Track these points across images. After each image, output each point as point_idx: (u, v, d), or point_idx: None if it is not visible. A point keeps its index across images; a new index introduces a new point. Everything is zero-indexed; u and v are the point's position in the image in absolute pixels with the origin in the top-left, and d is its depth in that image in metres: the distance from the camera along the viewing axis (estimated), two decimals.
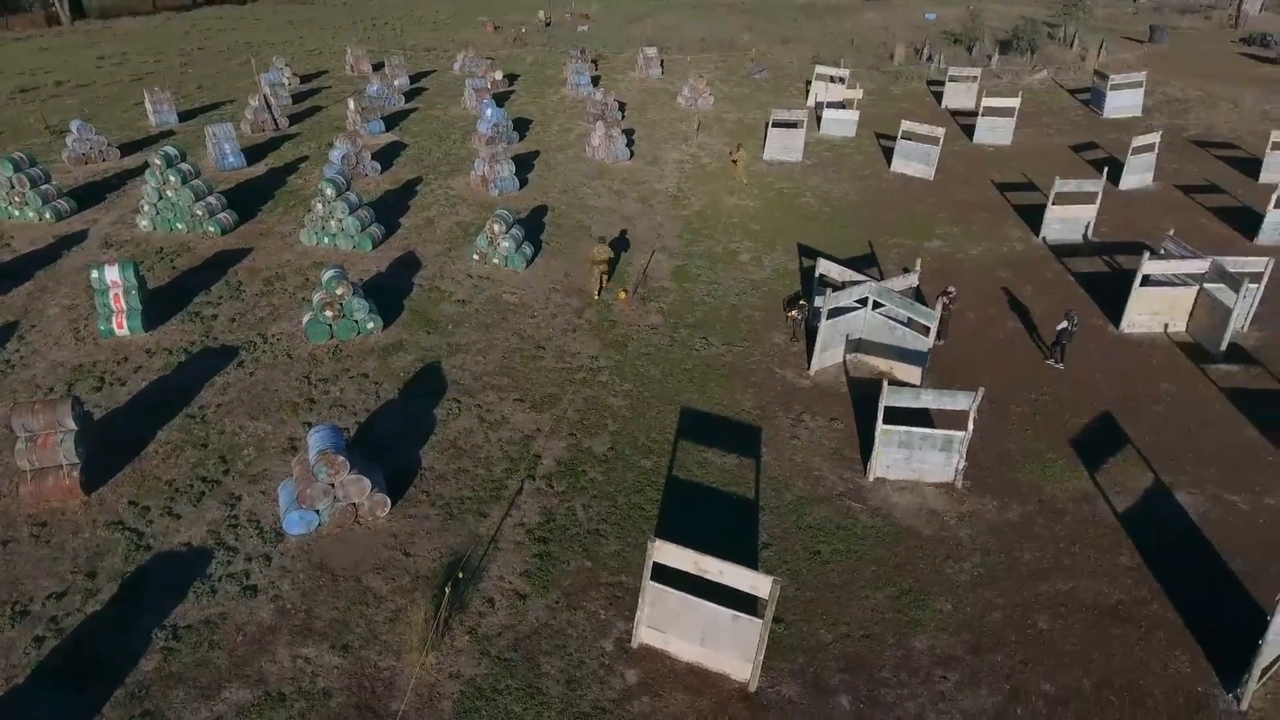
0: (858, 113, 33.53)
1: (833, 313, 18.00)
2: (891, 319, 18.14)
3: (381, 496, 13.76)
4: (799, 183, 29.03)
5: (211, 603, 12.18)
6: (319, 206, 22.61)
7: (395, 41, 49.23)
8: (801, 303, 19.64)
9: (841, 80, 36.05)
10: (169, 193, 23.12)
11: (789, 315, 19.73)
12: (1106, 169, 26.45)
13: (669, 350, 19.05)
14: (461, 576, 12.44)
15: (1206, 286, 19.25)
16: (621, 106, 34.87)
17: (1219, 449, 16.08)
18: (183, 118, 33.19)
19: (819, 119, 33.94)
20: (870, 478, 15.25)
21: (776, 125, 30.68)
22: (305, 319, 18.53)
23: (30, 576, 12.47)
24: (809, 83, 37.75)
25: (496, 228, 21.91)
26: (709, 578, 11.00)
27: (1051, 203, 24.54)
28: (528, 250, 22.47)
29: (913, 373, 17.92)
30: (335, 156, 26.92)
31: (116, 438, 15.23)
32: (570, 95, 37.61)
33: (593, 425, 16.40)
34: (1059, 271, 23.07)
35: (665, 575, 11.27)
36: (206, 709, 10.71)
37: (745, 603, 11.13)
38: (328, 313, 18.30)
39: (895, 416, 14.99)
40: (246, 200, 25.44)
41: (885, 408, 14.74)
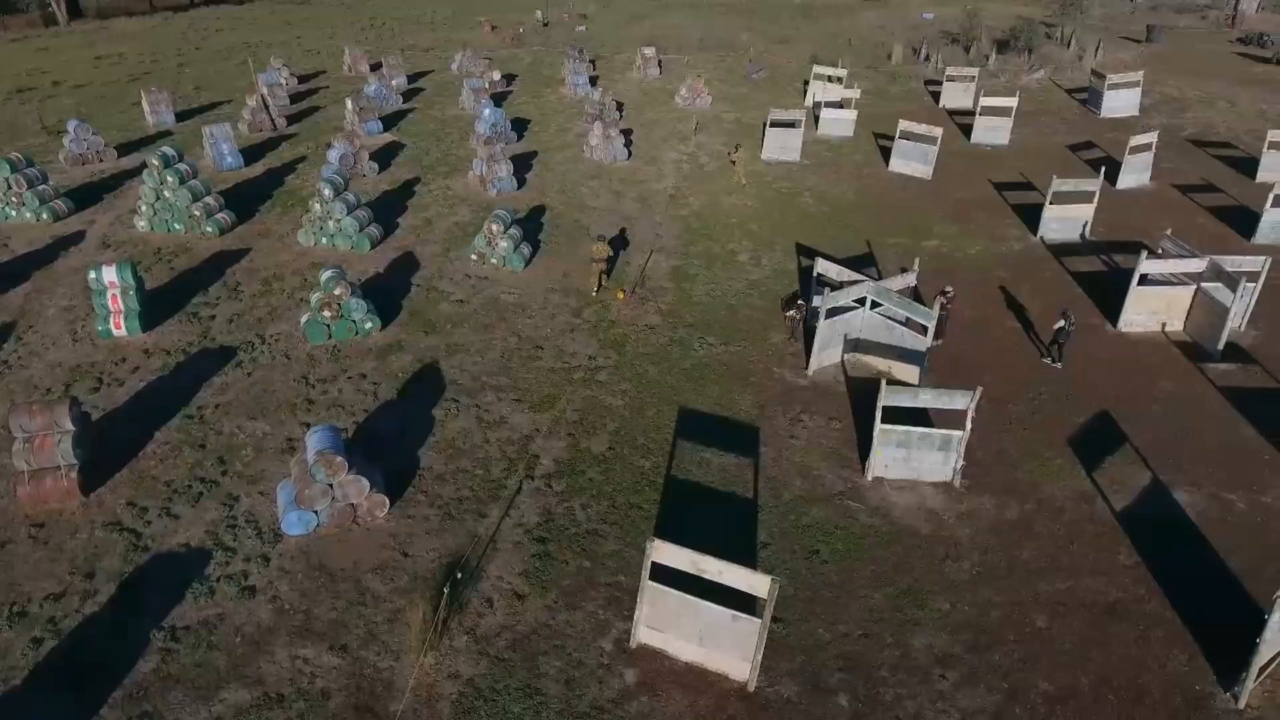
0: (855, 112, 33.54)
1: (831, 312, 18.01)
2: (890, 318, 18.16)
3: (380, 497, 13.76)
4: (797, 182, 29.04)
5: (210, 603, 12.18)
6: (317, 207, 22.61)
7: (393, 41, 49.19)
8: (800, 302, 19.65)
9: (839, 80, 36.04)
10: (167, 193, 23.10)
11: (786, 315, 19.74)
12: (1104, 168, 26.48)
13: (667, 350, 19.05)
14: (460, 577, 12.43)
15: (1204, 286, 19.27)
16: (619, 106, 34.88)
17: (1216, 448, 16.10)
18: (180, 118, 33.17)
19: (817, 119, 33.95)
20: (869, 477, 15.26)
21: (774, 125, 30.68)
22: (303, 319, 18.53)
23: (28, 578, 12.46)
24: (807, 82, 37.75)
25: (495, 228, 21.90)
26: (707, 577, 11.00)
27: (1049, 202, 24.56)
28: (526, 250, 22.46)
29: (911, 372, 17.93)
30: (333, 157, 26.90)
31: (114, 439, 15.23)
32: (568, 95, 37.61)
33: (591, 425, 16.40)
34: (1057, 271, 23.10)
35: (664, 575, 11.27)
36: (205, 710, 10.70)
37: (744, 602, 11.14)
38: (326, 313, 18.30)
39: (894, 416, 15.00)
40: (244, 201, 25.43)
41: (883, 407, 14.76)
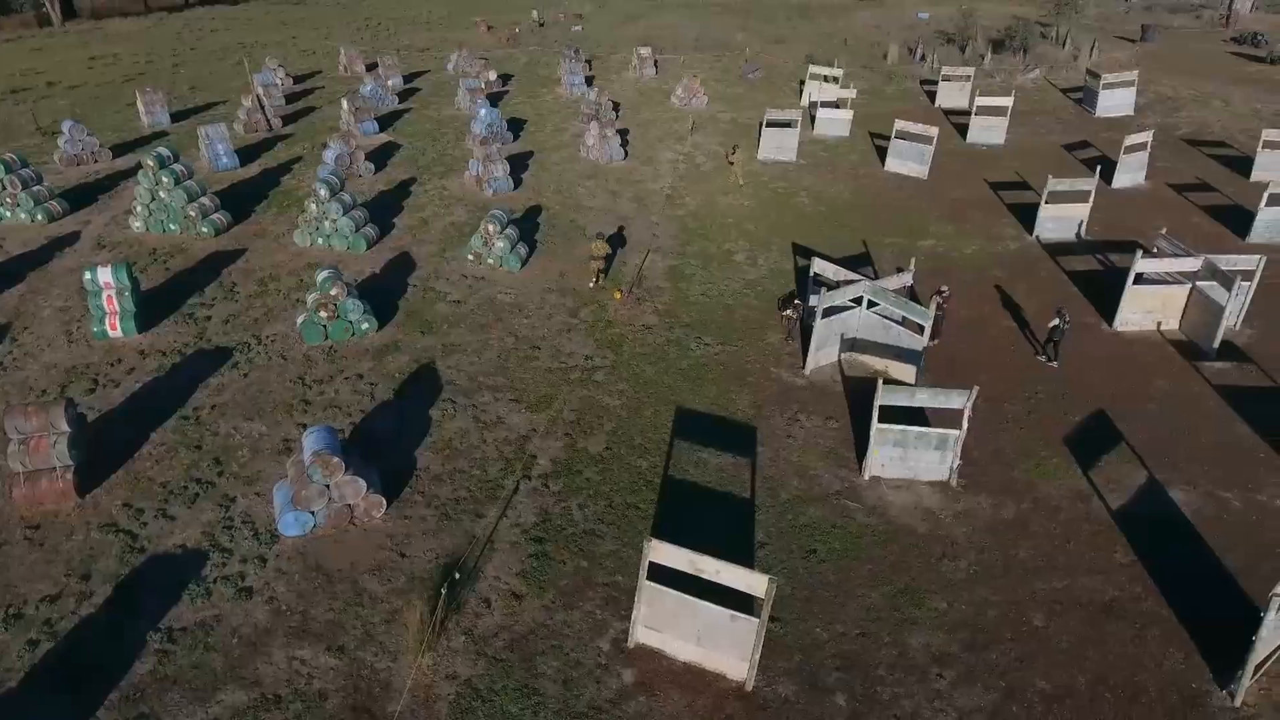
0: (851, 112, 33.58)
1: (827, 312, 18.03)
2: (886, 318, 18.18)
3: (377, 497, 13.74)
4: (793, 182, 29.06)
5: (206, 605, 12.15)
6: (313, 207, 22.58)
7: (388, 41, 49.14)
8: (796, 302, 19.66)
9: (835, 80, 36.10)
10: (162, 194, 23.04)
11: (783, 315, 19.75)
12: (1099, 168, 26.51)
13: (664, 350, 19.05)
14: (457, 577, 12.42)
15: (1199, 285, 19.33)
16: (616, 106, 34.88)
17: (1212, 446, 16.15)
18: (175, 118, 33.09)
19: (813, 119, 33.99)
20: (865, 476, 15.28)
21: (771, 125, 30.71)
22: (299, 320, 18.50)
23: (24, 579, 12.42)
24: (803, 82, 37.80)
25: (491, 228, 21.89)
26: (705, 577, 11.01)
27: (1045, 201, 24.61)
28: (522, 250, 22.45)
29: (908, 371, 17.95)
30: (329, 157, 26.85)
31: (110, 440, 15.18)
32: (564, 95, 37.59)
33: (588, 425, 16.40)
34: (1052, 270, 23.14)
35: (661, 575, 11.27)
36: (202, 712, 10.68)
37: (742, 602, 11.15)
38: (322, 314, 18.27)
39: (890, 415, 15.02)
40: (240, 201, 25.37)
41: (880, 406, 14.78)
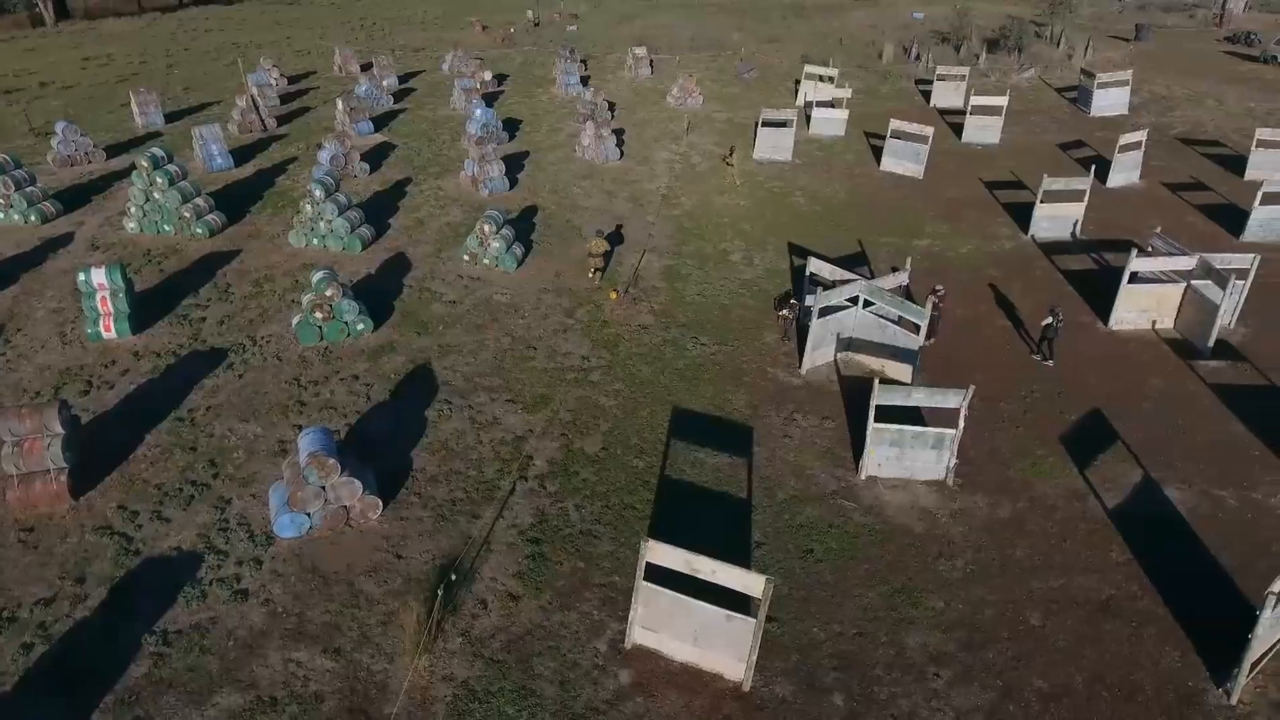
0: (847, 112, 33.60)
1: (824, 311, 18.04)
2: (882, 317, 18.19)
3: (373, 499, 13.70)
4: (789, 182, 29.07)
5: (202, 607, 12.11)
6: (308, 208, 22.52)
7: (383, 41, 49.05)
8: (792, 302, 19.67)
9: (830, 79, 36.11)
10: (156, 194, 22.96)
11: (779, 315, 19.75)
12: (1094, 167, 26.56)
13: (660, 350, 19.04)
14: (454, 578, 12.40)
15: (1194, 283, 19.38)
16: (611, 106, 34.85)
17: (1207, 445, 16.19)
18: (169, 119, 32.98)
19: (808, 118, 34.01)
20: (862, 476, 15.28)
21: (766, 125, 30.71)
22: (295, 321, 18.45)
23: (18, 582, 12.36)
24: (798, 82, 37.82)
25: (487, 228, 21.85)
26: (702, 577, 11.00)
27: (1040, 201, 24.65)
28: (518, 251, 22.42)
29: (904, 371, 17.96)
30: (324, 157, 26.80)
31: (104, 442, 15.12)
32: (560, 95, 37.56)
33: (585, 425, 16.38)
34: (1048, 269, 23.18)
35: (658, 575, 11.26)
36: (198, 714, 10.64)
37: (739, 602, 11.14)
38: (317, 314, 18.22)
39: (887, 415, 15.02)
40: (234, 202, 25.29)
41: (876, 406, 14.78)
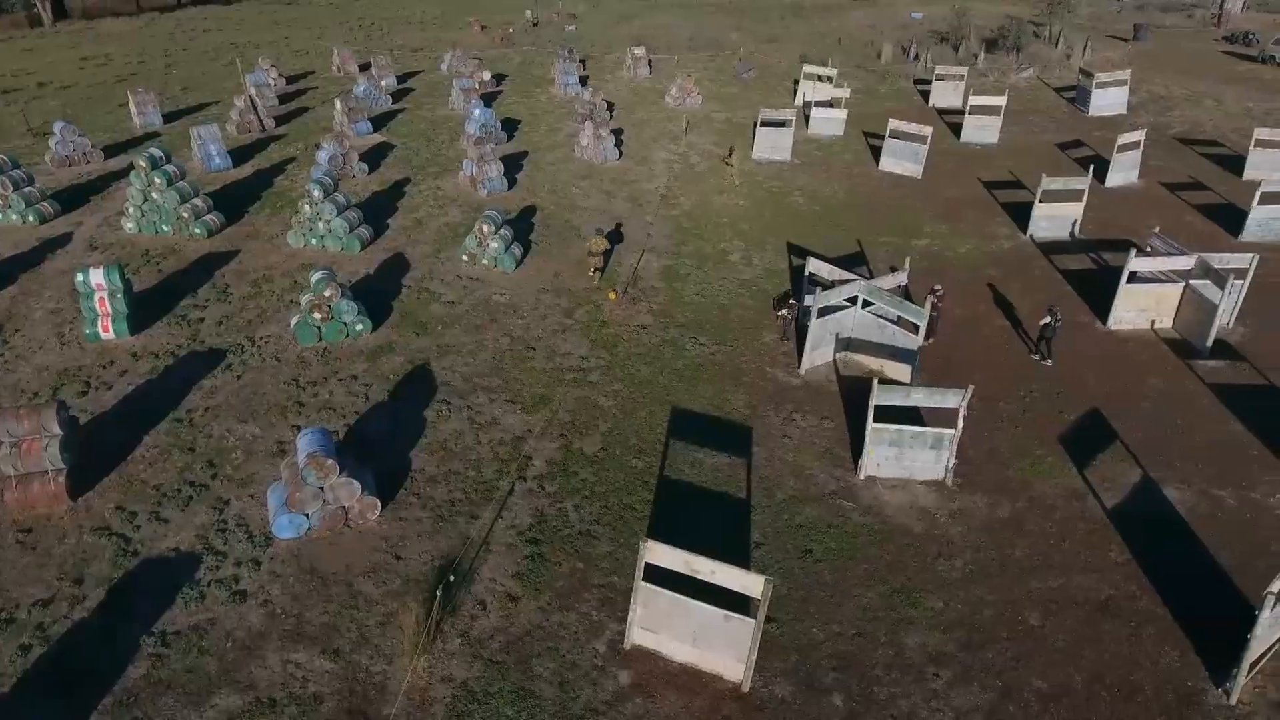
0: (845, 112, 33.60)
1: (822, 311, 18.04)
2: (881, 317, 18.19)
3: (371, 499, 13.68)
4: (788, 182, 29.07)
5: (200, 608, 12.09)
6: (306, 208, 22.49)
7: (382, 41, 49.02)
8: (791, 302, 19.67)
9: (829, 79, 36.12)
10: (154, 195, 22.93)
11: (778, 315, 19.75)
12: (1093, 167, 26.59)
13: (659, 350, 19.03)
14: (453, 579, 12.38)
15: (1192, 283, 19.38)
16: (610, 106, 34.83)
17: (1206, 444, 16.19)
18: (167, 119, 32.94)
19: (807, 118, 34.01)
20: (861, 476, 15.28)
21: (765, 125, 30.71)
22: (293, 321, 18.42)
23: (16, 584, 12.34)
24: (797, 82, 37.82)
25: (485, 228, 21.84)
26: (701, 578, 10.99)
27: (1038, 200, 24.66)
28: (517, 251, 22.40)
29: (903, 371, 17.96)
30: (322, 157, 26.77)
31: (103, 443, 15.10)
32: (558, 95, 37.55)
33: (583, 426, 16.37)
34: (1046, 269, 23.19)
35: (657, 576, 11.25)
36: (196, 716, 10.62)
37: (738, 603, 11.13)
38: (316, 315, 18.20)
39: (885, 415, 15.02)
40: (233, 202, 25.26)
41: (875, 406, 14.78)
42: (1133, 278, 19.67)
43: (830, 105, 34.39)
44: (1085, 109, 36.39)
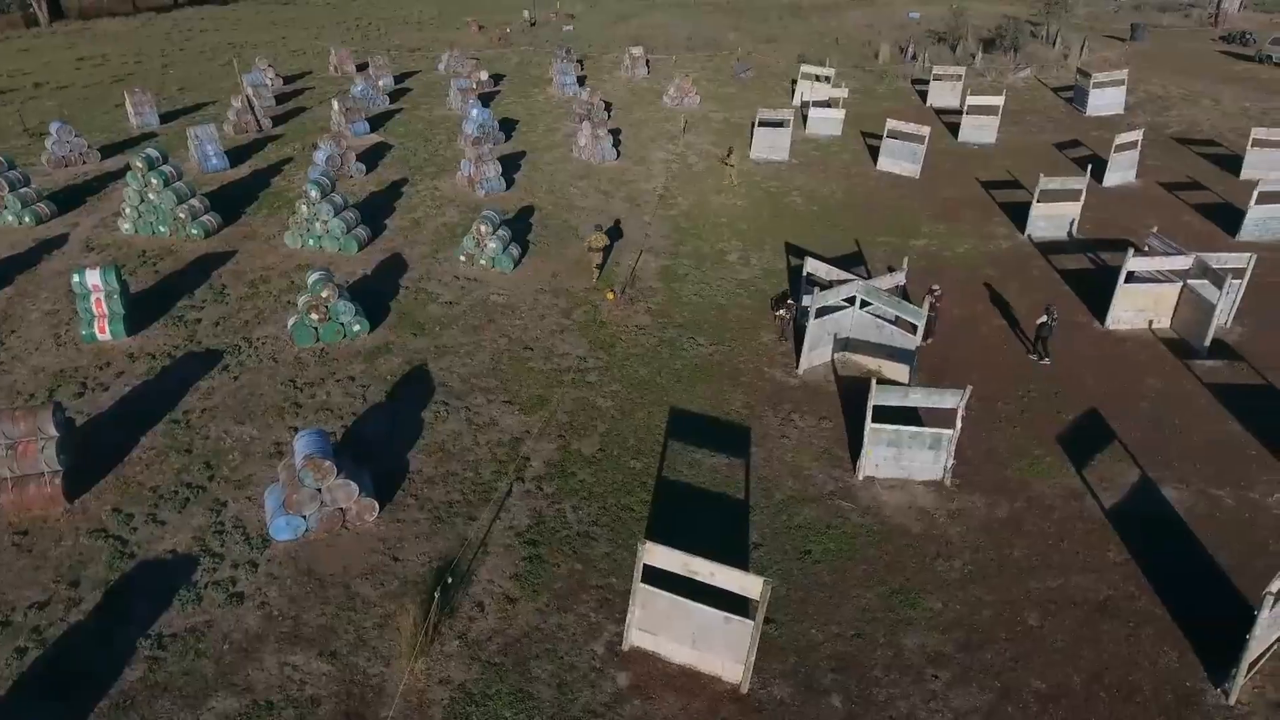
0: (843, 111, 33.60)
1: (821, 312, 18.02)
2: (879, 317, 18.17)
3: (369, 501, 13.65)
4: (786, 182, 29.06)
5: (197, 610, 12.04)
6: (303, 208, 22.44)
7: (379, 41, 48.96)
8: (789, 302, 19.66)
9: (827, 79, 36.12)
10: (151, 195, 22.87)
11: (776, 315, 19.73)
12: (1090, 166, 26.62)
13: (657, 350, 19.00)
14: (451, 581, 12.35)
15: (1190, 283, 19.39)
16: (608, 106, 34.80)
17: (1204, 444, 16.19)
18: (164, 119, 32.87)
19: (805, 118, 34.00)
20: (860, 476, 15.26)
21: (763, 124, 30.70)
22: (290, 322, 18.38)
23: (12, 586, 12.29)
24: (794, 82, 37.81)
25: (483, 229, 21.80)
26: (699, 579, 10.97)
27: (1036, 200, 24.67)
28: (515, 251, 22.36)
29: (901, 371, 17.95)
30: (319, 158, 26.72)
31: (99, 444, 15.04)
32: (556, 95, 37.52)
33: (582, 427, 16.34)
34: (1044, 269, 23.19)
35: (656, 577, 11.23)
36: (193, 719, 10.58)
37: (736, 604, 11.11)
38: (313, 316, 18.15)
39: (884, 415, 15.00)
40: (230, 203, 25.20)
41: (874, 406, 14.76)
42: (1130, 277, 19.67)
43: (828, 105, 34.39)
44: (1083, 109, 36.42)
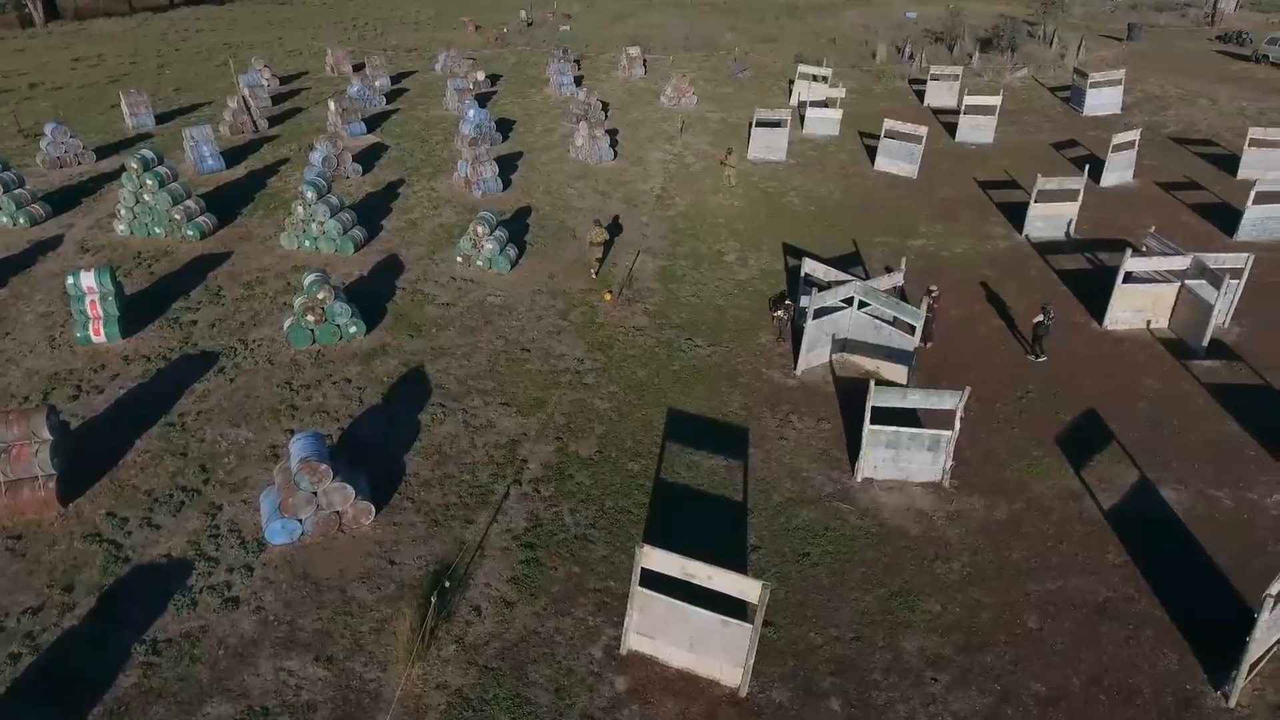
0: (841, 112, 33.57)
1: (818, 312, 17.98)
2: (877, 318, 18.13)
3: (365, 504, 13.58)
4: (783, 182, 29.02)
5: (192, 615, 11.97)
6: (300, 209, 22.37)
7: (376, 42, 48.87)
8: (787, 303, 19.61)
9: (824, 79, 36.08)
10: (146, 196, 22.78)
11: (774, 316, 19.69)
12: (1088, 166, 26.61)
13: (655, 352, 18.95)
14: (448, 584, 12.28)
15: (1188, 283, 19.37)
16: (605, 107, 34.74)
17: (1202, 445, 16.16)
18: (160, 120, 32.78)
19: (802, 118, 33.97)
20: (858, 478, 15.22)
21: (760, 125, 30.66)
22: (286, 324, 18.31)
23: (5, 591, 12.21)
24: (792, 82, 37.77)
25: (480, 229, 21.73)
26: (697, 583, 10.92)
27: (1034, 200, 24.65)
28: (512, 252, 22.30)
29: (899, 372, 17.91)
30: (316, 158, 26.64)
31: (94, 447, 14.96)
32: (553, 95, 37.46)
33: (579, 428, 16.28)
34: (1042, 269, 23.17)
35: (654, 581, 11.17)
36: None
37: (735, 607, 11.06)
38: (309, 317, 18.08)
39: (882, 416, 14.96)
40: (226, 204, 25.12)
41: (872, 408, 14.72)
42: (1128, 278, 19.65)
43: (825, 105, 34.36)
44: (1080, 109, 36.43)
